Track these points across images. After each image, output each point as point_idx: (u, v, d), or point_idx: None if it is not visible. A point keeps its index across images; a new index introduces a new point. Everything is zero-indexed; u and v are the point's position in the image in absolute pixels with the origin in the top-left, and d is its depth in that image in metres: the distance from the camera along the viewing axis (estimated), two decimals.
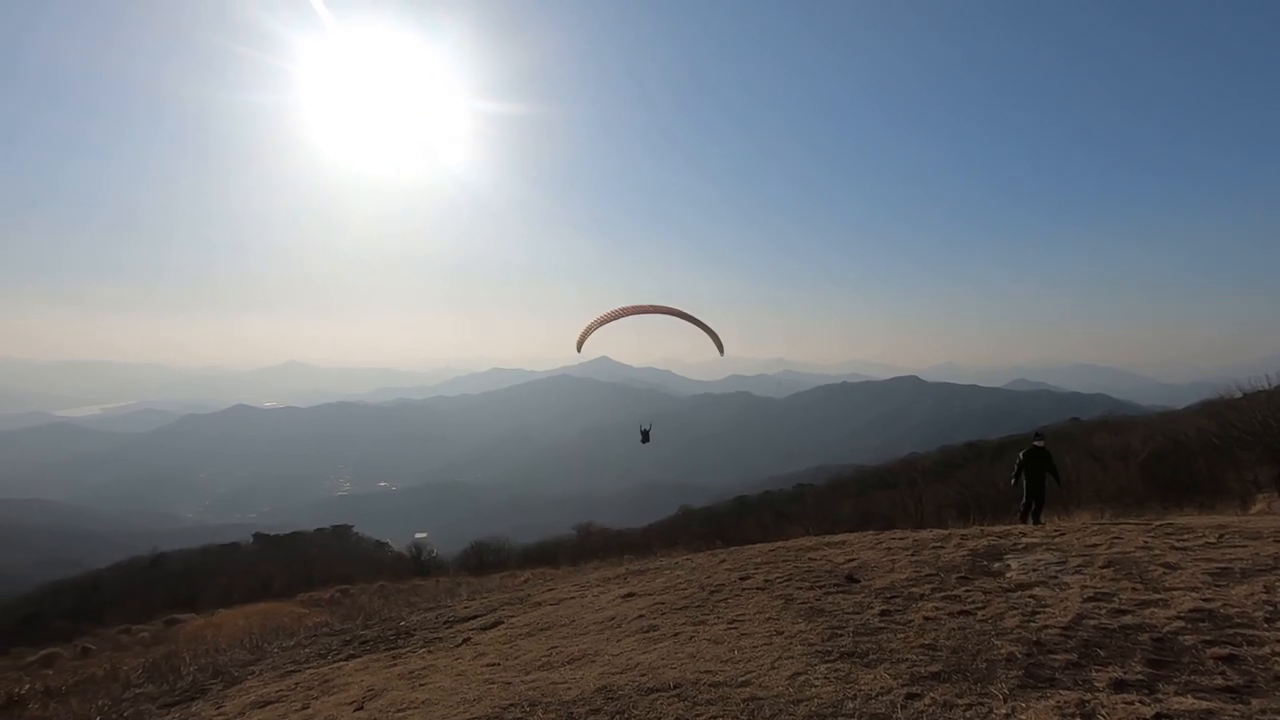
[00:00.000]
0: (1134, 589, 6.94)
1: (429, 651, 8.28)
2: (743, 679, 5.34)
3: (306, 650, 10.20)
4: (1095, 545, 9.26)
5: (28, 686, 13.65)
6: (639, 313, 13.04)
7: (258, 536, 62.41)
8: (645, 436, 15.63)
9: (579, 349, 13.31)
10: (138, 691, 9.78)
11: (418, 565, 44.38)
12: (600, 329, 13.05)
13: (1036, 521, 14.04)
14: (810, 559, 10.21)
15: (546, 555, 42.17)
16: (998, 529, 12.73)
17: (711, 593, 8.70)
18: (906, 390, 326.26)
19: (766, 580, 8.96)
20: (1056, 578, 7.73)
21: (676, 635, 6.95)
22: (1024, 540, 10.16)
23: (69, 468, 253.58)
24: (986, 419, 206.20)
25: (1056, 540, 9.94)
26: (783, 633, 6.56)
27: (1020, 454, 14.72)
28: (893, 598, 7.44)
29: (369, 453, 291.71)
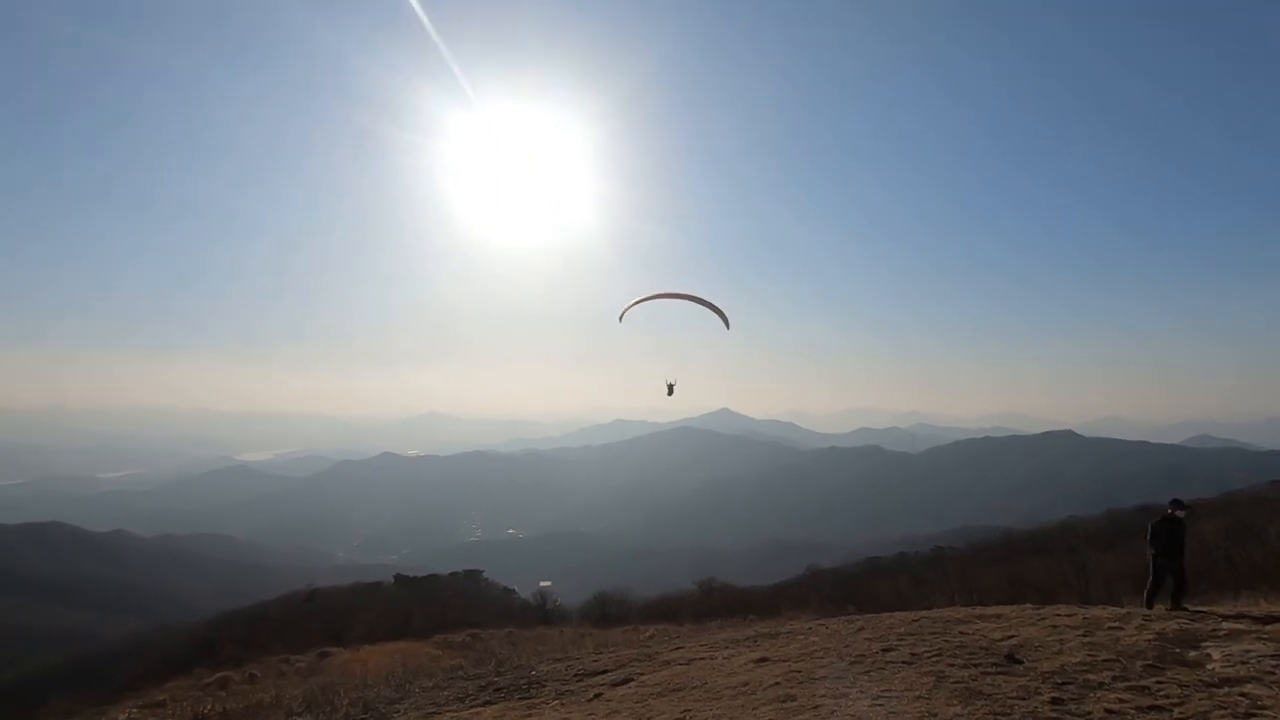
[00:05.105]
0: None
1: (561, 704, 8.35)
2: None
3: (445, 693, 10.61)
4: None
5: (209, 706, 15.20)
6: (667, 298, 16.25)
7: (398, 577, 66.24)
8: (670, 390, 17.32)
9: (620, 320, 16.64)
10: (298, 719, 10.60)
11: (543, 613, 45.15)
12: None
13: (1178, 605, 11.60)
14: (961, 632, 9.35)
15: (669, 611, 41.53)
16: (1189, 610, 11.08)
17: (852, 663, 8.16)
18: (1061, 446, 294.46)
19: (913, 653, 8.29)
20: (1273, 673, 6.57)
21: (816, 708, 6.56)
22: (1225, 626, 8.76)
23: (247, 506, 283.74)
24: (1160, 480, 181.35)
25: (1268, 629, 8.48)
26: (936, 715, 6.01)
27: (1150, 524, 11.90)
28: (1064, 684, 6.62)
29: (499, 500, 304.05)
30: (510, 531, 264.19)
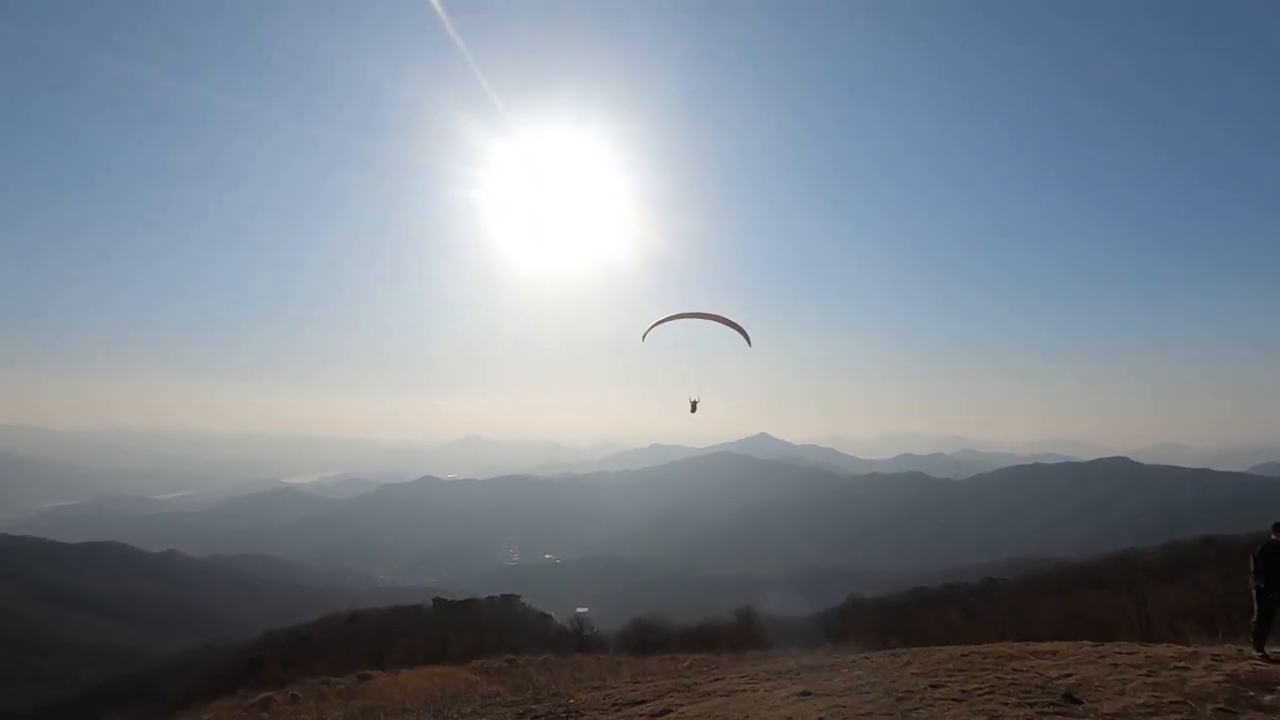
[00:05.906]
0: None
1: None
2: None
3: (483, 719, 10.58)
4: None
5: None
6: (688, 318, 16.53)
7: (437, 601, 66.66)
8: (693, 407, 17.70)
9: (643, 339, 17.31)
10: None
11: (579, 640, 44.88)
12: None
13: (1259, 648, 9.89)
14: (1015, 669, 8.98)
15: (706, 639, 40.86)
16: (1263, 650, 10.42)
17: (899, 699, 7.89)
18: (1115, 474, 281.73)
19: (964, 691, 7.97)
20: None
21: None
22: None
23: (292, 528, 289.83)
24: (1226, 511, 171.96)
25: None
26: None
27: (1254, 553, 10.57)
28: None
29: (537, 524, 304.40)
30: (547, 556, 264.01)
